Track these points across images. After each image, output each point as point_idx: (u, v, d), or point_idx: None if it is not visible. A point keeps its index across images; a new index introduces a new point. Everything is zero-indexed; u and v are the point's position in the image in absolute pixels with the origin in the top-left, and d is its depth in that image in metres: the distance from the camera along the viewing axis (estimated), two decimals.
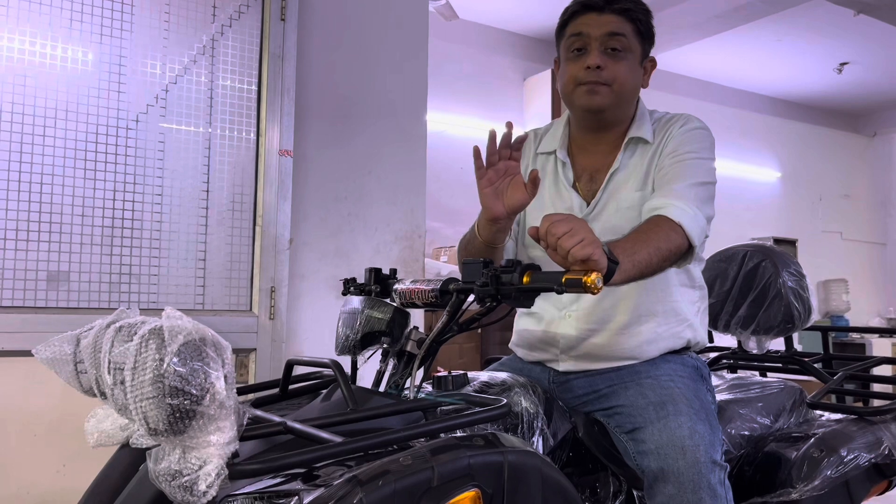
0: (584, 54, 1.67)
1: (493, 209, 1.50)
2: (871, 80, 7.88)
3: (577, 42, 1.68)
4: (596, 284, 1.18)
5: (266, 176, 2.72)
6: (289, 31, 2.79)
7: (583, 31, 1.67)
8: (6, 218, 2.31)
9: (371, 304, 1.42)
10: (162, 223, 2.55)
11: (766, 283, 2.15)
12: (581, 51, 1.67)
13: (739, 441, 1.82)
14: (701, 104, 7.38)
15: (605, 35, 1.65)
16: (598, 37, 1.65)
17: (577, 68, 1.67)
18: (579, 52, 1.68)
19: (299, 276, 2.85)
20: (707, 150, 1.67)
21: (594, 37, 1.65)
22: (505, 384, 1.53)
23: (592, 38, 1.65)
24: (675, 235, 1.48)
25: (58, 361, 1.09)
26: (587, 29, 1.66)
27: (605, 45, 1.65)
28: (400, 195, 3.12)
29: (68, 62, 2.43)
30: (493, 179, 1.49)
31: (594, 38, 1.65)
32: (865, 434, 1.86)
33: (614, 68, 1.65)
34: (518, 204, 1.50)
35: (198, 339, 0.90)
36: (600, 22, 1.66)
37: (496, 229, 1.54)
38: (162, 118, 2.57)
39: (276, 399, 1.49)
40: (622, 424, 1.58)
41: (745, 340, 2.28)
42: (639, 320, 1.67)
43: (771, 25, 6.28)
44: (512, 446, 1.14)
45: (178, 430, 0.88)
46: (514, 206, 1.50)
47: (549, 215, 1.28)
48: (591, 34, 1.66)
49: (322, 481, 1.01)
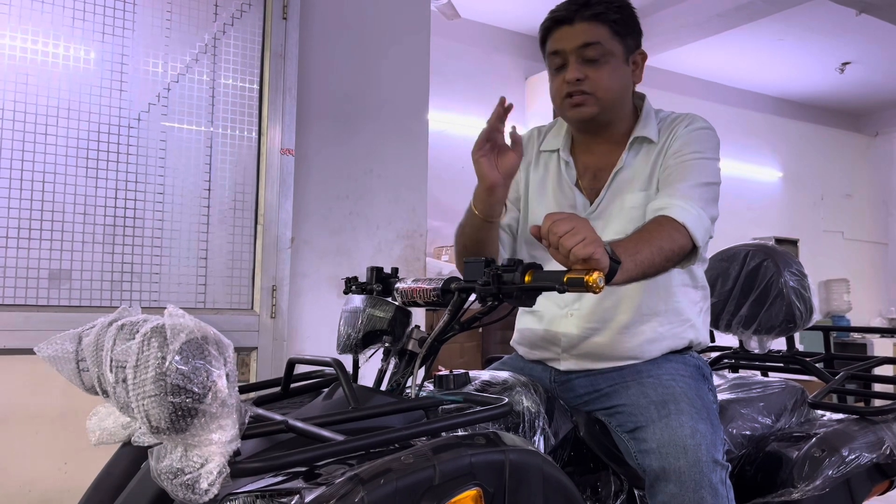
0: (564, 69, 1.68)
1: (489, 176, 1.52)
2: (873, 80, 7.87)
3: (556, 59, 1.69)
4: (598, 284, 1.18)
5: (268, 174, 2.72)
6: (290, 30, 2.79)
7: (558, 48, 1.67)
8: (8, 216, 2.31)
9: (373, 302, 1.42)
10: (164, 221, 2.55)
11: (768, 282, 2.14)
12: (562, 66, 1.68)
13: (741, 440, 1.82)
14: (702, 103, 7.37)
15: (578, 47, 1.64)
16: (573, 50, 1.65)
17: (560, 83, 1.68)
18: (560, 67, 1.69)
19: (301, 275, 2.86)
20: (712, 151, 1.67)
21: (569, 50, 1.65)
22: (506, 383, 1.53)
23: (568, 51, 1.65)
24: (678, 236, 1.48)
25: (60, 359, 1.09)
26: (562, 44, 1.66)
27: (581, 57, 1.65)
28: (401, 194, 3.12)
29: (70, 61, 2.43)
30: (485, 151, 1.53)
31: (570, 52, 1.65)
32: (867, 434, 1.86)
33: (594, 77, 1.65)
34: (510, 166, 1.53)
35: (200, 338, 0.90)
36: (573, 34, 1.65)
37: (493, 201, 1.56)
38: (164, 117, 2.57)
39: (278, 397, 1.49)
40: (623, 424, 1.58)
41: (747, 340, 2.27)
42: (641, 320, 1.67)
43: (773, 25, 6.27)
44: (513, 445, 1.14)
45: (179, 428, 0.88)
46: (508, 168, 1.53)
47: (550, 214, 1.28)
48: (566, 48, 1.66)
49: (323, 480, 1.01)
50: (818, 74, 7.71)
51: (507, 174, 1.54)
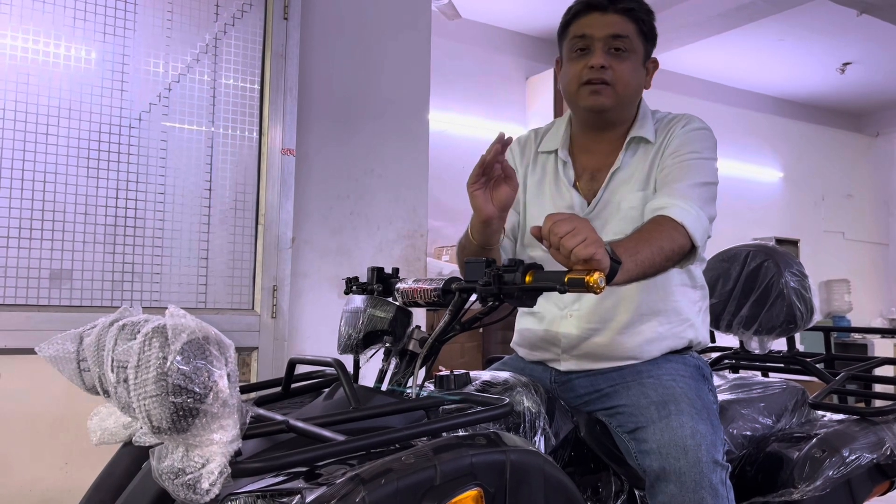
0: (587, 54, 1.67)
1: (484, 210, 1.50)
2: (874, 80, 7.87)
3: (580, 42, 1.68)
4: (599, 284, 1.18)
5: (268, 174, 2.72)
6: (291, 30, 2.80)
7: (586, 32, 1.66)
8: (9, 216, 2.32)
9: (374, 303, 1.42)
10: (164, 221, 2.55)
11: (769, 283, 2.14)
12: (584, 51, 1.67)
13: (741, 441, 1.82)
14: (703, 103, 7.37)
15: (608, 36, 1.65)
16: (602, 37, 1.65)
17: (581, 68, 1.67)
18: (582, 52, 1.68)
19: (301, 275, 2.86)
20: (709, 151, 1.67)
21: (598, 37, 1.65)
22: (507, 383, 1.53)
23: (596, 38, 1.65)
24: (677, 236, 1.48)
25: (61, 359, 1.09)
26: (590, 30, 1.66)
27: (609, 46, 1.65)
28: (402, 194, 3.12)
29: (71, 61, 2.43)
30: (480, 186, 1.50)
31: (598, 39, 1.65)
32: (867, 434, 1.86)
33: (618, 68, 1.65)
34: (506, 199, 1.51)
35: (201, 338, 0.90)
36: (604, 22, 1.65)
37: (490, 231, 1.55)
38: (165, 117, 2.57)
39: (279, 397, 1.49)
40: (624, 424, 1.58)
41: (748, 340, 2.27)
42: (640, 320, 1.67)
43: (774, 25, 6.27)
44: (514, 445, 1.14)
45: (181, 428, 0.88)
46: (503, 201, 1.51)
47: (551, 215, 1.28)
48: (594, 35, 1.65)
49: (324, 480, 1.01)
50: (819, 75, 7.71)
51: (503, 207, 1.52)
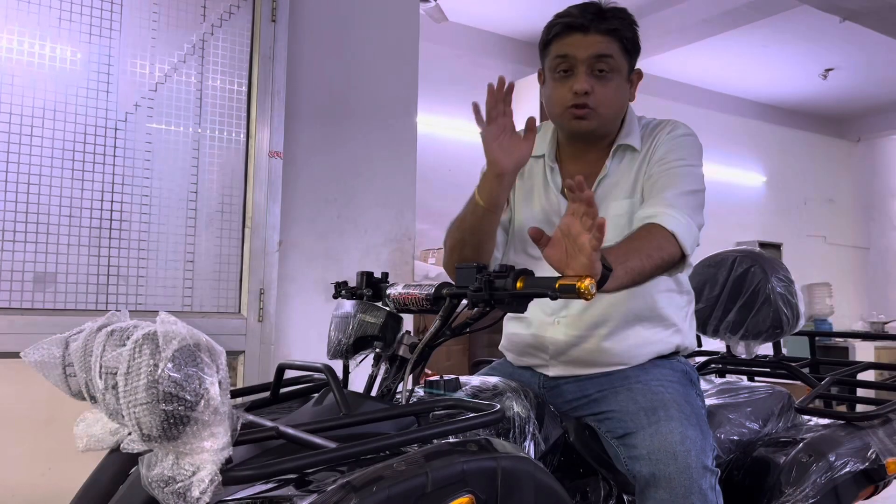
0: (570, 76, 1.63)
1: (500, 163, 1.51)
2: (855, 86, 7.96)
3: (562, 63, 1.64)
4: (590, 290, 1.18)
5: (255, 177, 2.71)
6: (279, 33, 2.78)
7: (568, 53, 1.63)
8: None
9: (363, 308, 1.41)
10: (150, 224, 2.53)
11: (756, 288, 2.16)
12: (567, 72, 1.64)
13: (728, 446, 1.83)
14: (687, 108, 7.42)
15: (591, 57, 1.61)
16: (585, 59, 1.61)
17: (565, 91, 1.64)
18: (566, 73, 1.64)
19: (288, 279, 2.84)
20: (695, 158, 1.67)
21: (580, 59, 1.61)
22: (496, 388, 1.52)
23: (579, 60, 1.62)
24: (667, 244, 1.48)
25: (46, 365, 1.07)
26: (573, 51, 1.62)
27: (592, 68, 1.62)
28: (390, 197, 3.11)
29: (56, 61, 2.41)
30: (496, 135, 1.51)
31: (580, 61, 1.62)
32: (853, 439, 1.87)
33: (602, 92, 1.63)
34: (522, 156, 1.53)
35: (192, 345, 0.90)
36: (586, 43, 1.62)
37: (500, 189, 1.54)
38: (150, 118, 2.55)
39: (268, 403, 1.48)
40: (613, 429, 1.58)
41: (734, 345, 2.29)
42: (627, 325, 1.67)
43: (757, 31, 6.33)
44: (505, 452, 1.14)
45: (171, 436, 0.87)
46: (519, 157, 1.53)
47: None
48: (577, 56, 1.62)
49: (315, 487, 1.00)
50: (802, 80, 7.79)
51: (518, 163, 1.53)
